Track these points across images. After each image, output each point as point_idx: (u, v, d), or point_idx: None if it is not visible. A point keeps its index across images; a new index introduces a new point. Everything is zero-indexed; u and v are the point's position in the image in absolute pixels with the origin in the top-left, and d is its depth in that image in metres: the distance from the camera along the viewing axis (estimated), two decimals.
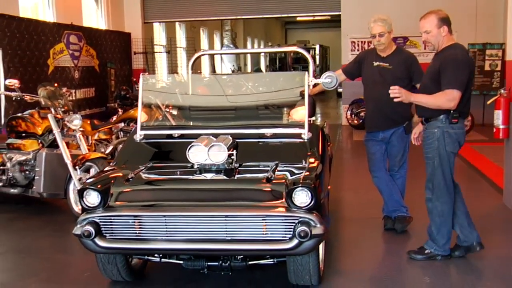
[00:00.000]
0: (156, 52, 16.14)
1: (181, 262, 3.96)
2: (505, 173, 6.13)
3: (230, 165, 3.99)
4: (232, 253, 3.73)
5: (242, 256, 3.83)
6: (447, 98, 4.22)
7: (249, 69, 28.73)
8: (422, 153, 4.55)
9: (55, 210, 6.46)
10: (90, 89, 11.78)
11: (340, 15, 14.02)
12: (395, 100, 4.33)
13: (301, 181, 3.58)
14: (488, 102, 5.98)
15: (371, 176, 5.44)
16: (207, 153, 3.90)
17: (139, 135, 4.51)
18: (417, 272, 4.41)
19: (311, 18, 29.10)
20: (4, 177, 6.47)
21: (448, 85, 4.22)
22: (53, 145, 6.26)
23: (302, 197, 3.55)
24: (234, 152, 3.99)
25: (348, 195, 6.96)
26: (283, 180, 3.67)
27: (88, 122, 8.22)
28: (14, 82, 6.55)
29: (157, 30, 18.30)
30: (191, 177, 3.93)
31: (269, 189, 3.65)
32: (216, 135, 4.19)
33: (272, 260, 3.88)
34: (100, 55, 12.28)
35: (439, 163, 4.42)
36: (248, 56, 28.92)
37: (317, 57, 29.32)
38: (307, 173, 3.75)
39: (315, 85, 4.73)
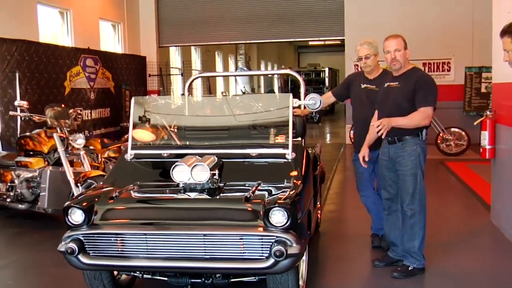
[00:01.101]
0: (171, 75, 16.16)
1: (166, 278, 3.84)
2: (492, 191, 5.93)
3: (214, 184, 3.86)
4: (210, 272, 3.59)
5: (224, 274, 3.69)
6: (423, 116, 4.27)
7: (262, 90, 28.71)
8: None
9: (59, 225, 6.30)
10: (105, 109, 11.77)
11: (344, 40, 13.96)
12: (378, 134, 4.27)
13: (278, 201, 3.44)
14: (475, 123, 5.81)
15: (359, 195, 5.28)
16: (190, 172, 3.79)
17: (129, 154, 4.41)
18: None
19: (322, 42, 29.10)
20: (12, 193, 6.42)
21: (424, 103, 4.27)
22: (58, 163, 6.19)
23: (278, 217, 3.41)
24: (217, 171, 3.86)
25: (341, 212, 6.78)
26: (261, 200, 3.53)
27: (99, 141, 8.15)
28: (23, 103, 6.53)
29: (173, 54, 18.38)
30: (174, 195, 3.81)
31: (247, 208, 3.51)
32: (202, 155, 4.08)
33: (254, 277, 3.74)
34: (115, 77, 12.28)
35: (421, 177, 4.43)
36: (262, 78, 28.92)
37: (327, 79, 29.19)
38: (285, 193, 3.61)
39: (299, 106, 4.60)
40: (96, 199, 3.69)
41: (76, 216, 3.60)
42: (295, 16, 14.50)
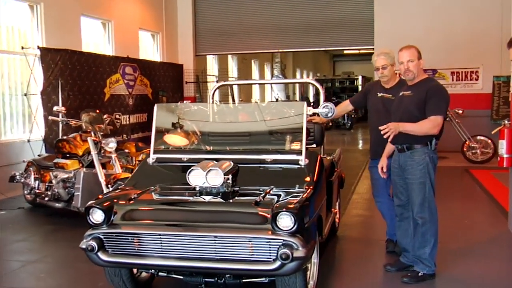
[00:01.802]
0: (207, 82, 16.31)
1: (181, 277, 3.89)
2: (510, 199, 5.76)
3: (229, 188, 3.90)
4: (220, 272, 3.62)
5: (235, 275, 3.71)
6: (433, 125, 4.21)
7: (297, 97, 28.65)
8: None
9: None
10: (143, 114, 11.97)
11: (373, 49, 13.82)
12: (385, 137, 4.25)
13: (286, 205, 3.45)
14: (493, 132, 5.66)
15: (375, 201, 5.23)
16: (205, 177, 3.83)
17: (151, 158, 4.49)
18: None
19: (357, 51, 28.86)
20: (50, 193, 6.61)
21: (434, 112, 4.21)
22: (92, 165, 6.35)
23: (286, 221, 3.41)
24: (230, 176, 3.89)
25: (362, 216, 6.71)
26: (270, 204, 3.54)
27: (133, 144, 8.34)
28: (60, 109, 6.74)
29: (211, 62, 18.56)
30: (189, 198, 3.86)
31: (256, 212, 3.53)
32: (219, 160, 4.13)
33: (264, 279, 3.75)
34: (153, 84, 12.49)
35: (430, 187, 4.34)
36: (297, 85, 28.86)
37: (360, 87, 28.91)
38: (295, 198, 3.61)
39: (313, 114, 4.59)
40: (116, 200, 3.77)
41: (97, 216, 3.69)
42: (327, 26, 14.46)
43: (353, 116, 21.32)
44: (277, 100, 21.81)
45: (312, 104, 11.31)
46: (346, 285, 4.36)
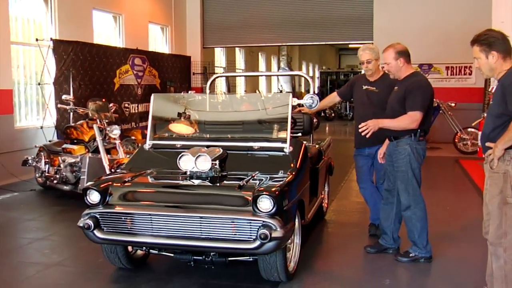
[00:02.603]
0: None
1: (172, 255, 4.03)
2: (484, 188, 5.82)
3: (217, 173, 4.01)
4: (205, 250, 3.75)
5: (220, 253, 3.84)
6: (411, 120, 4.26)
7: (303, 89, 28.65)
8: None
9: None
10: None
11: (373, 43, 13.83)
12: (363, 134, 4.36)
13: (266, 189, 3.57)
14: (473, 124, 5.72)
15: (359, 188, 5.33)
16: (195, 162, 3.95)
17: (147, 144, 4.62)
18: (380, 274, 4.27)
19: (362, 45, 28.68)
20: (58, 176, 6.78)
21: (411, 108, 4.27)
22: (97, 150, 6.50)
23: (265, 203, 3.53)
24: (218, 162, 4.01)
25: (351, 202, 6.81)
26: (252, 188, 3.65)
27: (140, 131, 8.48)
28: (69, 98, 6.89)
29: (218, 54, 18.62)
30: (180, 182, 3.99)
31: (239, 195, 3.66)
32: (210, 147, 4.24)
33: (249, 257, 3.87)
34: (161, 75, 12.60)
35: (412, 175, 4.41)
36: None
37: None
38: (276, 182, 3.72)
39: (298, 104, 4.69)
40: (111, 183, 3.91)
41: (93, 196, 3.84)
42: (329, 21, 14.47)
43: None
44: (280, 91, 21.84)
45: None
46: (326, 266, 4.48)
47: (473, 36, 3.43)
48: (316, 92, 25.65)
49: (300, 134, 4.97)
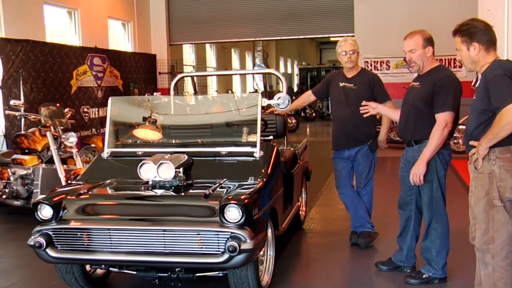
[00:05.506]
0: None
1: (135, 272, 4.05)
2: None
3: (182, 182, 4.05)
4: (170, 266, 3.79)
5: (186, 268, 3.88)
6: (441, 127, 4.00)
7: (281, 87, 28.77)
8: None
9: None
10: None
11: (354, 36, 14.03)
12: (361, 112, 4.44)
13: (234, 198, 3.62)
14: (460, 121, 5.84)
15: (338, 193, 5.41)
16: (157, 170, 3.98)
17: (106, 152, 4.64)
18: (361, 287, 4.36)
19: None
20: (8, 190, 6.72)
21: (442, 108, 4.02)
22: (52, 161, 6.46)
23: (233, 213, 3.58)
24: (182, 169, 4.04)
25: (332, 209, 6.90)
26: (219, 197, 3.70)
27: (100, 138, 8.47)
28: (19, 103, 6.84)
29: (187, 51, 18.64)
30: (140, 192, 4.01)
31: (204, 205, 3.70)
32: (174, 153, 4.28)
33: (218, 272, 3.92)
34: (124, 75, 12.58)
35: (438, 186, 4.19)
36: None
37: None
38: (244, 190, 3.78)
39: (268, 105, 4.76)
40: (65, 195, 3.92)
41: (45, 211, 3.84)
42: (306, 13, 14.64)
43: None
44: (255, 90, 21.93)
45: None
46: (304, 278, 4.54)
47: (455, 26, 3.46)
48: (295, 90, 25.88)
49: (271, 137, 5.04)
